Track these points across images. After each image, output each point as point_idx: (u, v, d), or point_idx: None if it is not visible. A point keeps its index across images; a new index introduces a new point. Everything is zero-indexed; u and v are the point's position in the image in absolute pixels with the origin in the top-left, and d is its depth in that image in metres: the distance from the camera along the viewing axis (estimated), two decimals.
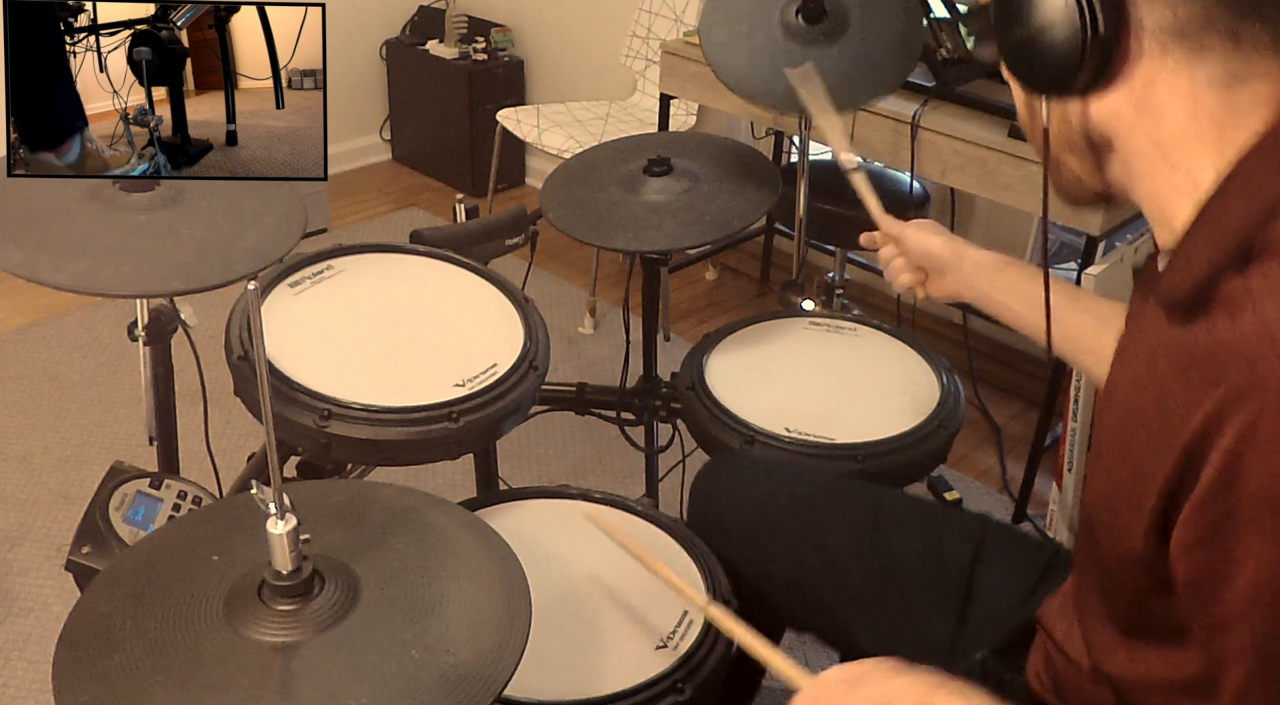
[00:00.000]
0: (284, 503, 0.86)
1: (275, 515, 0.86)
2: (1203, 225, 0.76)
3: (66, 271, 1.18)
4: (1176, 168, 0.78)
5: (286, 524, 0.86)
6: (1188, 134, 0.76)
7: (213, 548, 0.97)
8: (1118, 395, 0.83)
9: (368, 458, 1.43)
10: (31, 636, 2.00)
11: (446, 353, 1.37)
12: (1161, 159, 0.78)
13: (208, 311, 1.55)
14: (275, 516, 0.86)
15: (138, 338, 1.53)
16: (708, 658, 1.13)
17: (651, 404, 1.85)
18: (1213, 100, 0.75)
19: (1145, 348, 0.79)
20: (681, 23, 3.20)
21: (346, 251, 1.49)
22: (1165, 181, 0.79)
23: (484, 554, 0.98)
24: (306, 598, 0.88)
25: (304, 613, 0.88)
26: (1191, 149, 0.77)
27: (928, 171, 2.32)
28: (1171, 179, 0.78)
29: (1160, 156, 0.78)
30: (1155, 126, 0.78)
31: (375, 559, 0.95)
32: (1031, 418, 2.61)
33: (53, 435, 2.55)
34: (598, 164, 1.69)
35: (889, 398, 1.55)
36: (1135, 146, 0.80)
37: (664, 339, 3.02)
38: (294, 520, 0.87)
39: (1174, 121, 0.77)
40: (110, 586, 0.93)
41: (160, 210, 1.28)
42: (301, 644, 0.86)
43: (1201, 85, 0.75)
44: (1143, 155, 0.80)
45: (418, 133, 4.00)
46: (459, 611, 0.91)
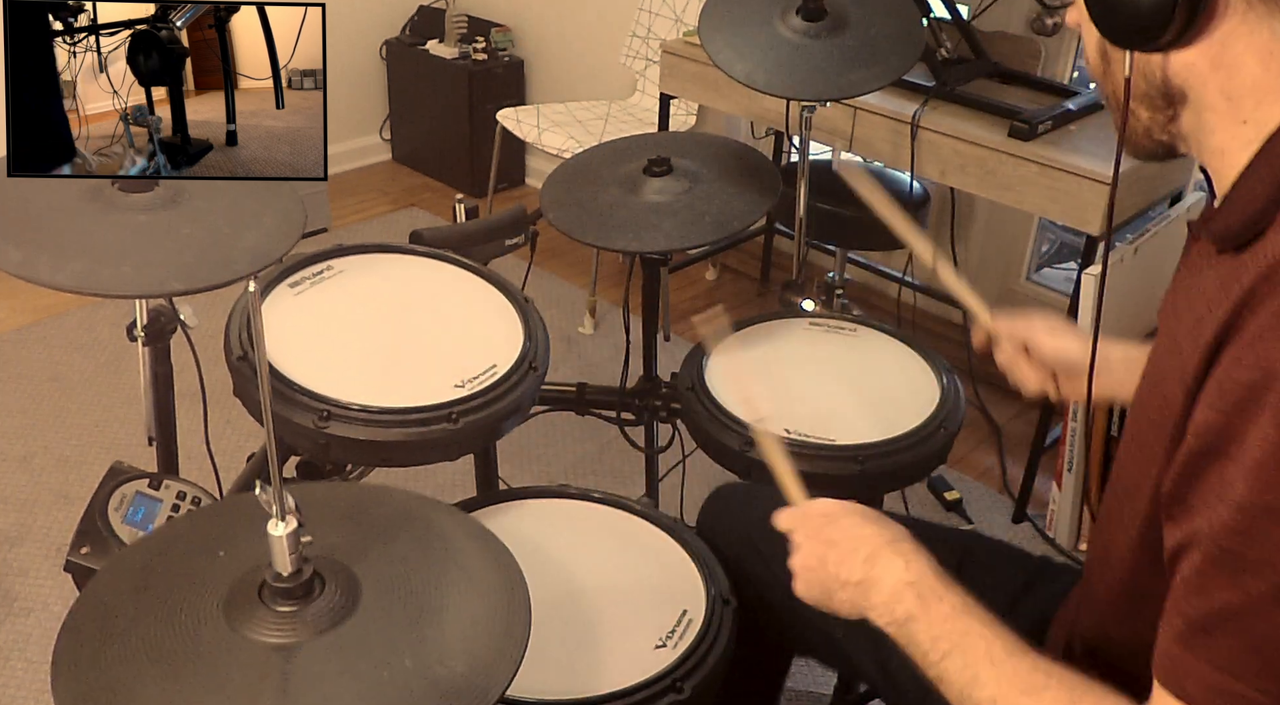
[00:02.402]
0: (285, 504, 0.86)
1: (276, 517, 0.86)
2: (1258, 168, 0.78)
3: (66, 271, 1.17)
4: (1246, 122, 0.79)
5: (287, 526, 0.86)
6: (1260, 87, 0.78)
7: (218, 545, 0.97)
8: (1163, 328, 0.86)
9: (367, 458, 1.44)
10: (31, 636, 2.00)
11: (446, 353, 1.37)
12: (1231, 112, 0.80)
13: (208, 311, 1.55)
14: (276, 518, 0.86)
15: (137, 338, 1.53)
16: (707, 656, 1.13)
17: (651, 404, 1.85)
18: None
19: (1190, 283, 0.82)
20: (681, 23, 3.20)
21: (346, 251, 1.49)
22: (1233, 136, 0.80)
23: (487, 565, 0.98)
24: (306, 600, 0.88)
25: (302, 615, 0.88)
26: (1261, 101, 0.78)
27: (928, 171, 2.32)
28: (1240, 132, 0.80)
29: (1229, 109, 0.80)
30: (1229, 80, 0.79)
31: (377, 564, 0.95)
32: (1031, 418, 2.60)
33: (53, 435, 2.55)
34: (598, 164, 1.69)
35: (889, 398, 1.55)
36: (1208, 100, 0.81)
37: (664, 339, 3.02)
38: (295, 522, 0.87)
39: (1247, 75, 0.78)
40: (115, 578, 0.93)
41: (160, 210, 1.28)
42: (298, 646, 0.86)
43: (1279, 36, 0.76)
44: (1213, 109, 0.81)
45: (418, 133, 4.00)
46: (457, 622, 0.91)
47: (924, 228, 1.99)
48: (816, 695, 1.97)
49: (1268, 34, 0.77)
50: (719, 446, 1.47)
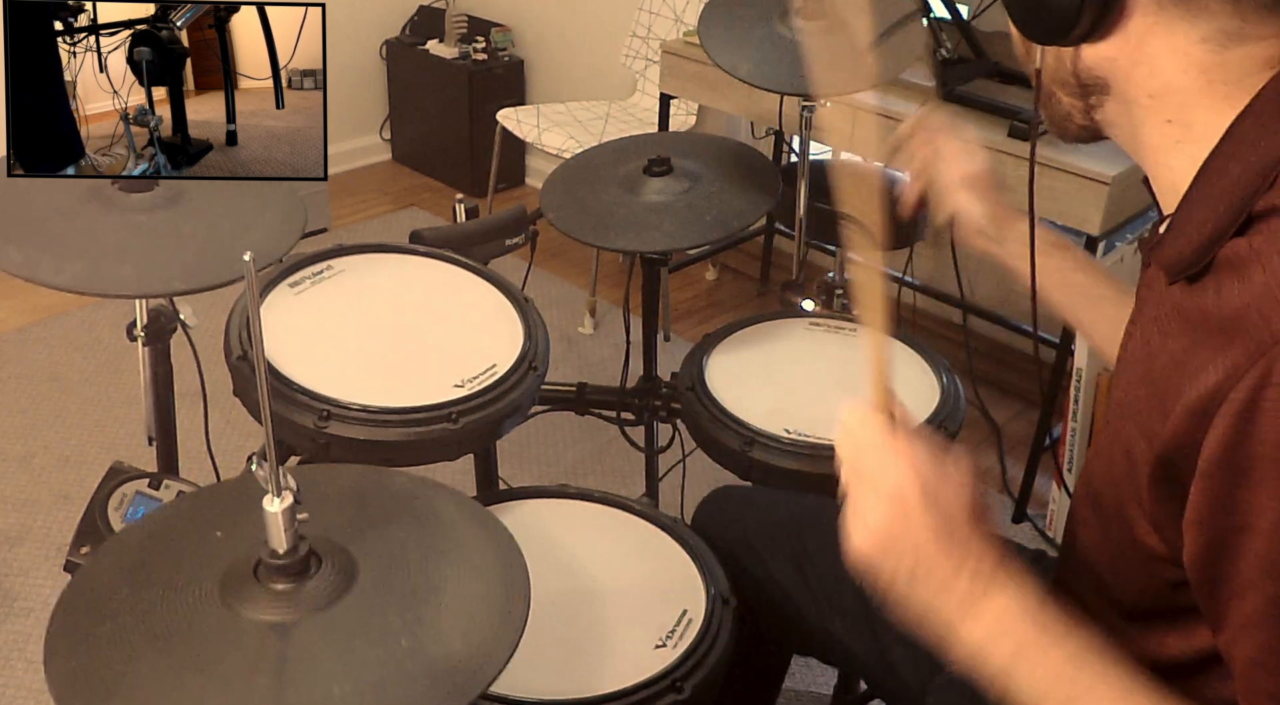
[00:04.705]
0: (280, 480, 0.86)
1: (271, 493, 0.86)
2: (1201, 189, 0.76)
3: (66, 272, 1.17)
4: (1171, 121, 0.79)
5: (283, 502, 0.86)
6: (1180, 88, 0.77)
7: (216, 525, 0.96)
8: (1129, 360, 0.84)
9: (367, 458, 1.43)
10: (31, 636, 2.00)
11: (446, 353, 1.37)
12: (1156, 110, 0.79)
13: (208, 311, 1.55)
14: (271, 494, 0.86)
15: (137, 338, 1.53)
16: (707, 656, 1.13)
17: (651, 404, 1.85)
18: (1206, 58, 0.76)
19: (1156, 313, 0.80)
20: (681, 23, 3.20)
21: (346, 251, 1.49)
22: (1161, 133, 0.80)
23: (487, 547, 0.97)
24: (301, 578, 0.88)
25: (297, 593, 0.87)
26: (1185, 103, 0.77)
27: None
28: (1167, 131, 0.79)
29: (1155, 106, 0.79)
30: (1150, 77, 0.79)
31: (376, 544, 0.94)
32: (1031, 418, 2.61)
33: (53, 435, 2.55)
34: (598, 164, 1.69)
35: None
36: (1131, 94, 0.81)
37: (664, 339, 3.02)
38: (290, 498, 0.86)
39: (1167, 75, 0.78)
40: (110, 559, 0.93)
41: (160, 210, 1.28)
42: (292, 624, 0.86)
43: (1195, 42, 0.76)
44: (1138, 103, 0.81)
45: (418, 133, 4.00)
46: (454, 603, 0.90)
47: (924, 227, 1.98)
48: (816, 695, 1.97)
49: (1181, 37, 0.76)
50: (719, 446, 1.47)
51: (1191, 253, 0.75)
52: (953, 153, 1.20)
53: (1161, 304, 0.79)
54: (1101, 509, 0.87)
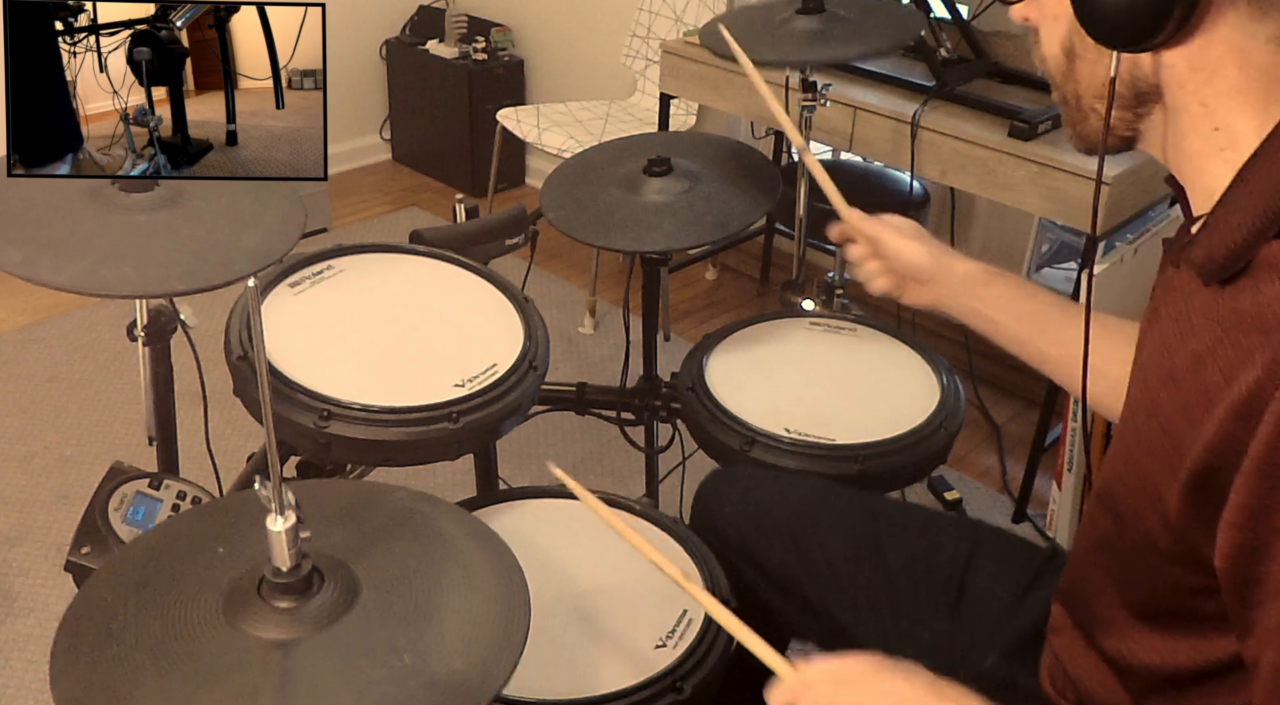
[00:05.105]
0: (284, 500, 0.86)
1: (275, 512, 0.86)
2: (1240, 190, 0.76)
3: (66, 272, 1.17)
4: (1219, 128, 0.78)
5: (286, 521, 0.86)
6: (1235, 91, 0.77)
7: (218, 542, 0.97)
8: (1146, 360, 0.84)
9: (367, 458, 1.43)
10: (31, 636, 2.00)
11: (446, 353, 1.37)
12: (1205, 116, 0.79)
13: (208, 311, 1.55)
14: (275, 513, 0.86)
15: (137, 338, 1.53)
16: (707, 656, 1.13)
17: (651, 404, 1.85)
18: (1266, 58, 0.76)
19: (1177, 313, 0.80)
20: (681, 23, 3.20)
21: (346, 251, 1.49)
22: (1206, 141, 0.79)
23: (489, 564, 0.98)
24: (305, 596, 0.88)
25: (301, 611, 0.87)
26: (1236, 107, 0.77)
27: (928, 171, 2.32)
28: (1213, 139, 0.79)
29: (1204, 114, 0.79)
30: (1206, 82, 0.78)
31: (377, 561, 0.94)
32: (1031, 418, 2.60)
33: (53, 435, 2.55)
34: (598, 164, 1.69)
35: (889, 398, 1.55)
36: (1182, 102, 0.80)
37: (664, 339, 3.02)
38: (294, 518, 0.87)
39: (1224, 79, 0.77)
40: (113, 576, 0.93)
41: (160, 210, 1.28)
42: (295, 642, 0.86)
43: (1260, 42, 0.76)
44: (1187, 111, 0.80)
45: (418, 133, 4.00)
46: (456, 619, 0.90)
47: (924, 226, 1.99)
48: None
49: (1246, 37, 0.76)
50: (719, 446, 1.47)
51: (1227, 254, 0.74)
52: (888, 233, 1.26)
53: (1183, 305, 0.79)
54: (1117, 509, 0.86)
